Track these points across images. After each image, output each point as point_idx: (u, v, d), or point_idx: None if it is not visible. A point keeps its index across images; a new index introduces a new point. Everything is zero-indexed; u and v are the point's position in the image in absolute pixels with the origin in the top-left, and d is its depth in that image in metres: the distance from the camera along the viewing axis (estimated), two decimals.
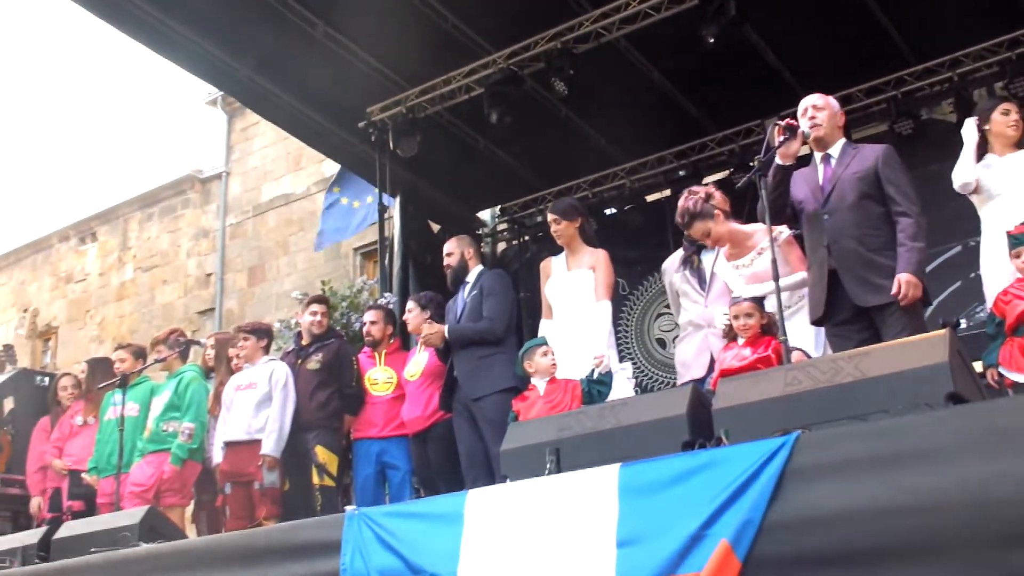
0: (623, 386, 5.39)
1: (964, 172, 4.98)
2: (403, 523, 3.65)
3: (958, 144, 5.13)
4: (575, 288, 5.79)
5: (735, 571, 2.77)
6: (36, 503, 7.46)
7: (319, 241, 11.60)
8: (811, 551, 2.74)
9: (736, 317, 4.71)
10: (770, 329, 4.64)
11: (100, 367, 7.39)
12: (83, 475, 7.00)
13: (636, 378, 8.31)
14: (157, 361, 6.94)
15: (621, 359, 6.54)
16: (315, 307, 6.71)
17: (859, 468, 2.71)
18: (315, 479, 6.18)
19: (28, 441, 7.78)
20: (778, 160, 4.40)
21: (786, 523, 2.77)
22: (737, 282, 5.08)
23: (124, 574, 4.44)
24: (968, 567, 2.50)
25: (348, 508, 3.82)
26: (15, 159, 45.30)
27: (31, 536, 5.49)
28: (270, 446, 6.19)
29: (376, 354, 6.60)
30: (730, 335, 4.78)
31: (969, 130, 5.10)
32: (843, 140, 4.73)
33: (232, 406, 6.45)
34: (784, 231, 4.92)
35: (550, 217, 5.99)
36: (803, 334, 4.82)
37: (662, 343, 8.67)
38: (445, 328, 5.94)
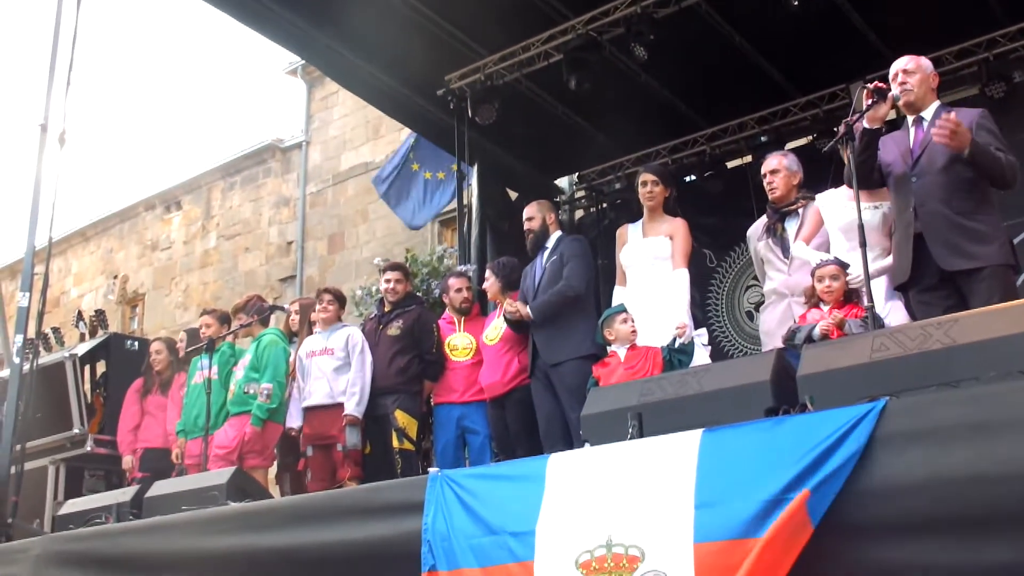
0: (699, 352, 5.36)
1: None
2: (485, 485, 3.67)
3: None
4: (649, 254, 5.77)
5: (806, 536, 2.76)
6: (128, 462, 7.67)
7: (410, 218, 11.32)
8: (897, 518, 2.70)
9: (820, 280, 4.58)
10: (851, 296, 4.55)
11: (197, 336, 7.54)
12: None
13: (723, 347, 8.26)
14: (242, 327, 7.06)
15: (709, 329, 6.47)
16: (388, 275, 6.81)
17: (949, 435, 2.66)
18: (395, 443, 6.25)
19: (119, 403, 7.99)
20: (866, 124, 4.31)
21: (873, 490, 2.73)
22: (832, 210, 4.96)
23: (213, 531, 4.55)
24: None
25: (431, 470, 3.86)
26: (103, 131, 46.44)
27: (124, 494, 5.67)
28: (352, 406, 6.31)
29: (456, 320, 6.64)
30: (812, 300, 4.67)
31: None
32: (936, 103, 4.58)
33: (309, 371, 6.57)
34: None
35: (646, 177, 5.90)
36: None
37: (751, 315, 8.56)
38: (528, 310, 5.93)
